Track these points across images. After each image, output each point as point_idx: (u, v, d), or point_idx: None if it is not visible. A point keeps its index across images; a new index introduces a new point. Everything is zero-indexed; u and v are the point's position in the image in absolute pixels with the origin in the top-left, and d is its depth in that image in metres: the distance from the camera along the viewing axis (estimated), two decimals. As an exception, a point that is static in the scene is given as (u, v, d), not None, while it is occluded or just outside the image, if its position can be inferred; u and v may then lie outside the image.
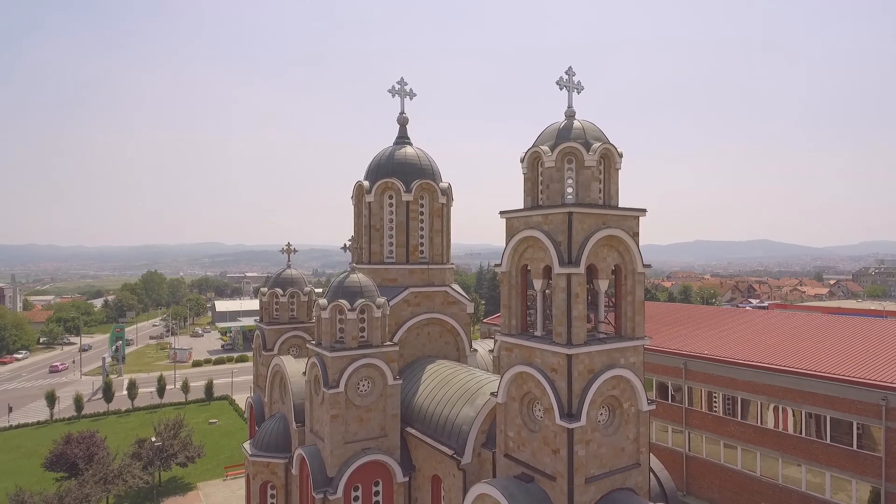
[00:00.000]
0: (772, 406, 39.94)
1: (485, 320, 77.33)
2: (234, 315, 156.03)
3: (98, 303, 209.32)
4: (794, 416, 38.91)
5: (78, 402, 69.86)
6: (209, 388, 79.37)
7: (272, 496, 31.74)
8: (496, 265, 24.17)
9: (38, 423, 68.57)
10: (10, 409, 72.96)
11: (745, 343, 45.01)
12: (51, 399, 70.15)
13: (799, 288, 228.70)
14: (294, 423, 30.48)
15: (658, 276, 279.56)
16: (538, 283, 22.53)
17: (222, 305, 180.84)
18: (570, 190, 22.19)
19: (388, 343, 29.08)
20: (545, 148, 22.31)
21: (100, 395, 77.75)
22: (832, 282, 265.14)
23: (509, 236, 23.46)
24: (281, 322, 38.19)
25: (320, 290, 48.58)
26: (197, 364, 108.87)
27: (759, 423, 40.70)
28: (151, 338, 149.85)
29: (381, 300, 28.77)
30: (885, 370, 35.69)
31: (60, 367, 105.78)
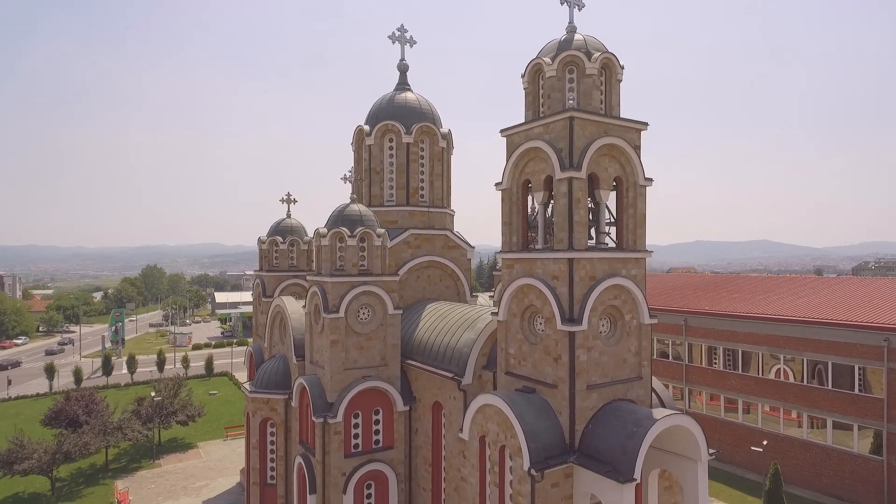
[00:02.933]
0: (773, 356, 39.85)
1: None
2: (233, 305, 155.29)
3: (98, 295, 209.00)
4: (794, 364, 38.83)
5: (77, 375, 69.64)
6: (209, 363, 79.19)
7: (272, 434, 31.65)
8: (497, 183, 24.06)
9: (38, 394, 68.47)
10: (10, 383, 72.86)
11: (745, 300, 44.95)
12: (50, 371, 70.08)
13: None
14: (294, 358, 30.39)
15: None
16: (539, 196, 22.48)
17: (222, 297, 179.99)
18: (571, 100, 22.11)
19: (389, 273, 29.02)
20: (547, 59, 22.25)
21: (99, 373, 77.51)
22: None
23: (510, 152, 23.39)
24: (280, 269, 38.15)
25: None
26: (197, 347, 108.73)
27: (759, 375, 40.63)
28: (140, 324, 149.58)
29: (381, 230, 28.70)
30: (885, 313, 35.64)
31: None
